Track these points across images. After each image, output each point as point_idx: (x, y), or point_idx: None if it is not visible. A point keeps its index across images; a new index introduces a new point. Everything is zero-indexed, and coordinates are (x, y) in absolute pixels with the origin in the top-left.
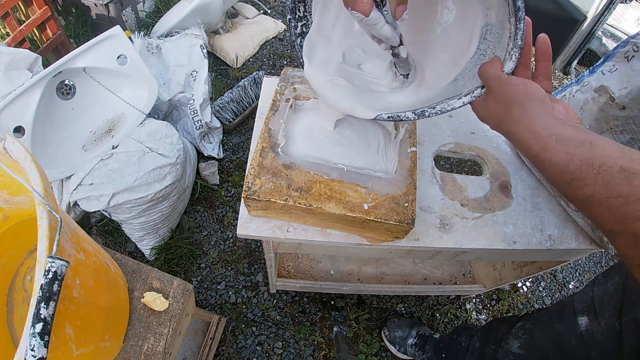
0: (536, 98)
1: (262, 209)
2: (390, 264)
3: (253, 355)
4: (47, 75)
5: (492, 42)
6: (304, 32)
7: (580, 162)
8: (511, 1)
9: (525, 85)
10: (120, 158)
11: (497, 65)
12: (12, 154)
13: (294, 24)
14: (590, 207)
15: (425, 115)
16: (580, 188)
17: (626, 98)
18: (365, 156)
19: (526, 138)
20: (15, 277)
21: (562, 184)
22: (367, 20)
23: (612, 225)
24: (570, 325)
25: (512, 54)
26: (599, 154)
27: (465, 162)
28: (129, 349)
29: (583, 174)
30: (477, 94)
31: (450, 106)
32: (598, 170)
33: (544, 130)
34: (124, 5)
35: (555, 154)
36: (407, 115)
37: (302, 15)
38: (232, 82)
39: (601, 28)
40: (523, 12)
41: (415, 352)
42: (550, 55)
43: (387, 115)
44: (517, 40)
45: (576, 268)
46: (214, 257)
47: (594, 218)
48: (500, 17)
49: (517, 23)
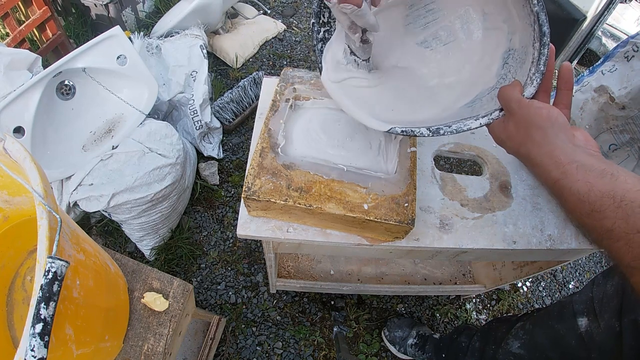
0: (558, 124)
1: (262, 209)
2: (390, 264)
3: (253, 355)
4: (47, 76)
5: (514, 66)
6: (325, 38)
7: (600, 194)
8: (537, 27)
9: (548, 110)
10: (120, 158)
11: (518, 88)
12: (12, 154)
13: (317, 29)
14: (609, 241)
15: (440, 133)
16: (600, 220)
17: (626, 98)
18: (366, 156)
19: (546, 163)
20: (15, 278)
21: (581, 214)
22: (358, 12)
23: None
24: (570, 326)
25: (533, 79)
26: (620, 186)
27: (465, 162)
28: (129, 349)
29: (603, 206)
30: (495, 116)
31: (466, 126)
32: (619, 204)
33: (565, 156)
34: (123, 5)
35: (576, 182)
36: (421, 131)
37: (326, 21)
38: (232, 82)
39: (601, 28)
40: (548, 37)
41: (415, 352)
42: (572, 84)
43: (400, 129)
44: (540, 65)
45: (576, 268)
46: (214, 258)
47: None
48: (524, 42)
49: (541, 48)
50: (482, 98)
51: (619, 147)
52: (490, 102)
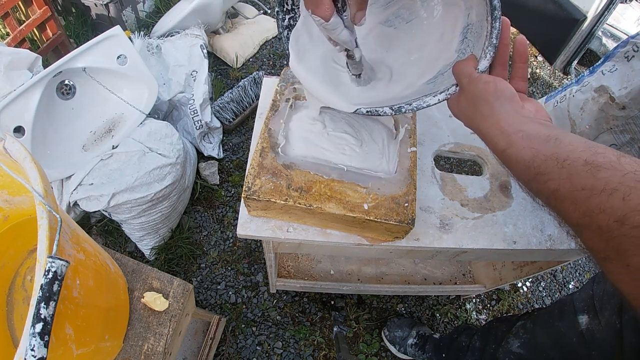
0: (505, 96)
1: (262, 209)
2: (390, 264)
3: (253, 355)
4: (47, 75)
5: (472, 41)
6: (291, 25)
7: (545, 157)
8: (488, 1)
9: (495, 83)
10: (120, 158)
11: (471, 63)
12: (12, 154)
13: (282, 17)
14: (555, 202)
15: (402, 111)
16: (545, 182)
17: (626, 98)
18: (366, 156)
19: (493, 135)
20: (15, 277)
21: (527, 179)
22: (326, 25)
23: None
24: (571, 324)
25: (487, 52)
26: (564, 148)
27: (465, 162)
28: (129, 349)
29: (547, 169)
30: (452, 91)
31: (425, 103)
32: (562, 164)
33: (510, 127)
34: (124, 5)
35: (521, 150)
36: (384, 110)
37: (290, 8)
38: (232, 82)
39: (601, 28)
40: (499, 11)
41: (415, 352)
42: (526, 57)
43: (365, 109)
44: (492, 39)
45: (576, 268)
46: (214, 257)
47: (559, 212)
48: (480, 17)
49: (493, 22)
50: (443, 74)
51: (619, 147)
52: (450, 77)
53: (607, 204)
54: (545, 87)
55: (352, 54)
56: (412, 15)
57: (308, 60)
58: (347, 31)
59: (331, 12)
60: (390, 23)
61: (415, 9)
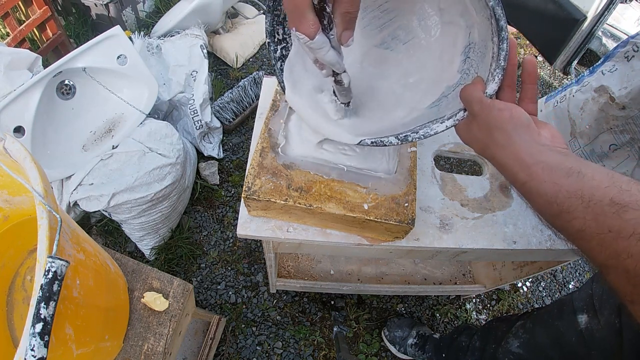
0: (522, 124)
1: (262, 209)
2: (390, 264)
3: (253, 355)
4: (47, 75)
5: (475, 60)
6: (284, 56)
7: (568, 194)
8: (494, 21)
9: (511, 110)
10: (120, 158)
11: (479, 87)
12: (12, 153)
13: (274, 48)
14: (581, 241)
15: (409, 140)
16: (570, 221)
17: (626, 98)
18: (366, 156)
19: (511, 165)
20: (15, 277)
21: (550, 215)
22: (310, 43)
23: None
24: (570, 323)
25: (495, 75)
26: (588, 184)
27: (465, 162)
28: (129, 349)
29: (572, 207)
30: (460, 117)
31: (433, 130)
32: (587, 203)
33: (530, 157)
34: (124, 5)
35: (542, 183)
36: (390, 140)
37: (282, 38)
38: (232, 82)
39: (601, 28)
40: (506, 32)
41: (415, 352)
42: (536, 78)
43: (370, 140)
44: (500, 61)
45: (576, 268)
46: (214, 257)
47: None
48: (483, 36)
49: (500, 43)
50: (447, 96)
51: (619, 147)
52: (455, 99)
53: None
54: (545, 87)
55: (340, 80)
56: (409, 36)
57: (304, 90)
58: (333, 52)
59: (316, 29)
60: (387, 45)
61: (412, 29)
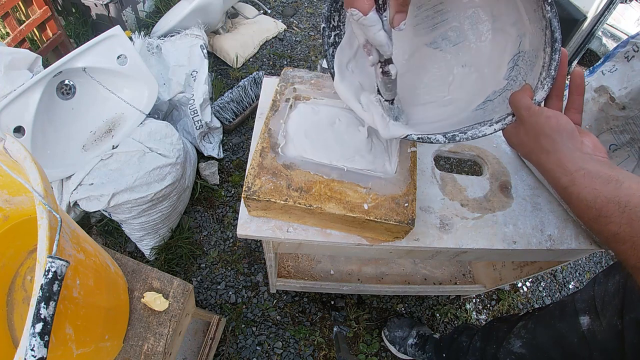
0: (567, 132)
1: (262, 209)
2: (390, 264)
3: (253, 355)
4: (47, 75)
5: (524, 69)
6: (336, 42)
7: (606, 200)
8: (549, 32)
9: (557, 118)
10: (120, 158)
11: (528, 94)
12: (12, 153)
13: (328, 33)
14: (615, 244)
15: (456, 140)
16: (606, 225)
17: (626, 98)
18: (366, 156)
19: (555, 170)
20: (15, 277)
21: (588, 219)
22: (363, 19)
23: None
24: (572, 325)
25: (544, 84)
26: (625, 192)
27: (465, 162)
28: (129, 349)
29: (609, 212)
30: (509, 121)
31: (481, 132)
32: (624, 209)
33: (572, 164)
34: (124, 5)
35: (583, 189)
36: (437, 138)
37: (336, 25)
38: (232, 82)
39: (601, 28)
40: (560, 43)
41: (415, 352)
42: (583, 89)
43: (417, 136)
44: (551, 70)
45: (576, 268)
46: (214, 257)
47: (617, 253)
48: (535, 45)
49: (552, 54)
50: (493, 100)
51: (619, 148)
52: (502, 104)
53: None
54: None
55: (387, 70)
56: (459, 38)
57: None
58: (384, 33)
59: (370, 6)
60: (437, 45)
61: (463, 31)
